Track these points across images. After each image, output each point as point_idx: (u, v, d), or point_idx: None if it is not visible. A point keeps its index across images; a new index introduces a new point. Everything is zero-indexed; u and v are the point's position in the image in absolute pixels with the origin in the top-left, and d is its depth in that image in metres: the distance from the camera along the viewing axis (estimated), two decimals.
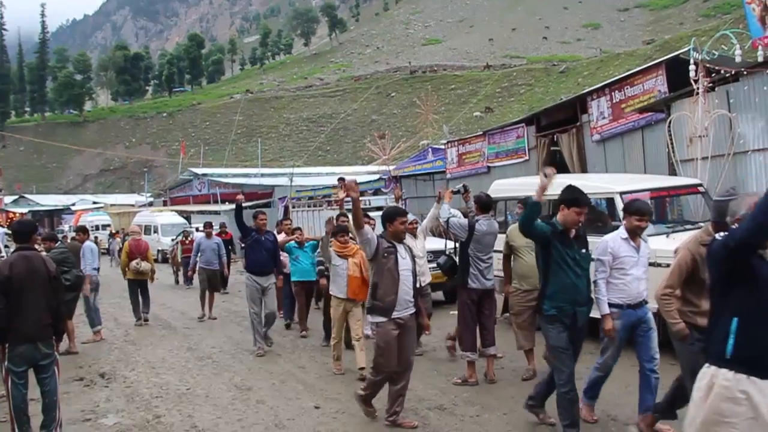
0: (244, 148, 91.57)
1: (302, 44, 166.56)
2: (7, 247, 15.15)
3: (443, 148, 23.42)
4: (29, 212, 55.52)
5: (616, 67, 70.02)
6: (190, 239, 20.90)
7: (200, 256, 13.89)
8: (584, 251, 5.51)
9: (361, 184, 27.54)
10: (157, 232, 33.13)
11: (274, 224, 24.76)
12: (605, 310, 5.61)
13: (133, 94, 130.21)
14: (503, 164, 19.14)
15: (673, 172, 12.01)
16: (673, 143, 11.88)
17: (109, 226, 41.67)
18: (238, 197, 10.26)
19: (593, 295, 5.65)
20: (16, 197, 64.53)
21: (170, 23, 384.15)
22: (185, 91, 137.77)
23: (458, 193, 8.18)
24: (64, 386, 7.34)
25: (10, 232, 10.41)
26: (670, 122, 11.96)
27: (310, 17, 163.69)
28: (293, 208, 19.74)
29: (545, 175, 5.15)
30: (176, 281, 21.94)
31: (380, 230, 9.17)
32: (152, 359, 9.73)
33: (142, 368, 9.16)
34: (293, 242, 11.18)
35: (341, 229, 8.54)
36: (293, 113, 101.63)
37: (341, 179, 19.35)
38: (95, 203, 60.87)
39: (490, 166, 19.78)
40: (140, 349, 10.62)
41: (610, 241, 5.74)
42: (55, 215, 60.50)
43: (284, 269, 11.32)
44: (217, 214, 38.15)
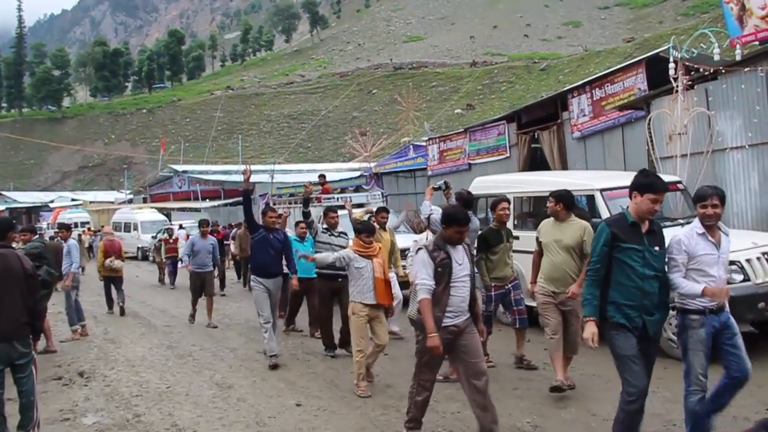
0: (224, 144, 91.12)
1: (283, 41, 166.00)
2: None
3: (424, 145, 23.43)
4: (6, 209, 54.88)
5: (596, 64, 70.44)
6: (174, 237, 20.54)
7: (193, 257, 12.56)
8: (657, 248, 4.77)
9: (342, 181, 27.53)
10: (137, 229, 32.93)
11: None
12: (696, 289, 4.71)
13: (112, 90, 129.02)
14: (484, 161, 19.18)
15: (652, 169, 12.08)
16: (652, 140, 11.96)
17: (88, 223, 41.31)
18: (245, 174, 8.99)
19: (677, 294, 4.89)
20: None
21: (150, 19, 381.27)
22: (165, 87, 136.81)
23: (439, 189, 8.19)
24: (41, 385, 7.28)
25: None
26: (649, 120, 12.04)
27: (291, 14, 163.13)
28: (274, 204, 19.59)
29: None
30: (160, 280, 21.07)
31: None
32: (132, 357, 9.65)
33: (121, 366, 9.08)
34: (293, 236, 10.69)
35: (366, 228, 7.67)
36: (274, 110, 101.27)
37: (322, 176, 19.34)
38: (74, 200, 60.32)
39: (471, 163, 19.82)
40: (120, 347, 10.54)
41: (683, 237, 4.91)
42: (33, 212, 59.85)
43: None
44: (197, 211, 38.07)
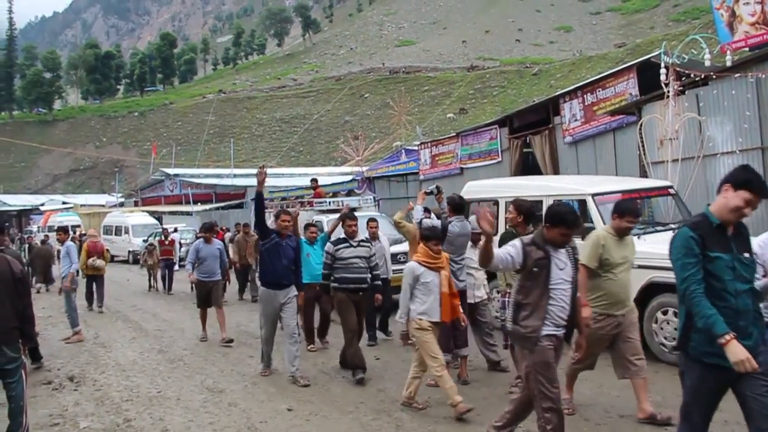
0: (216, 148, 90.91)
1: (275, 44, 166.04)
2: None
3: (416, 149, 23.47)
4: None
5: (588, 69, 70.74)
6: (169, 240, 19.64)
7: (199, 265, 11.16)
8: (747, 255, 3.90)
9: (334, 185, 27.51)
10: (128, 233, 32.81)
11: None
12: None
13: (103, 93, 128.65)
14: (476, 166, 19.23)
15: (644, 174, 12.15)
16: (644, 145, 12.02)
17: (78, 226, 41.15)
18: (260, 175, 8.03)
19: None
20: None
21: (142, 22, 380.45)
22: (157, 90, 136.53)
23: (431, 194, 8.19)
24: (31, 390, 7.22)
25: None
26: (641, 125, 12.10)
27: (283, 17, 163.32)
28: (266, 208, 19.58)
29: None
30: (150, 287, 19.79)
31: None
32: (122, 362, 9.60)
33: (112, 371, 9.03)
34: (302, 239, 9.97)
35: (435, 234, 6.57)
36: (266, 114, 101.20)
37: (314, 180, 19.31)
38: (65, 203, 59.98)
39: (463, 167, 19.87)
40: (110, 351, 10.48)
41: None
42: (23, 215, 59.59)
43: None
44: (189, 214, 37.95)
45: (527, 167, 17.57)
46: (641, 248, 7.80)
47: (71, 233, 16.34)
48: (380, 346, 9.76)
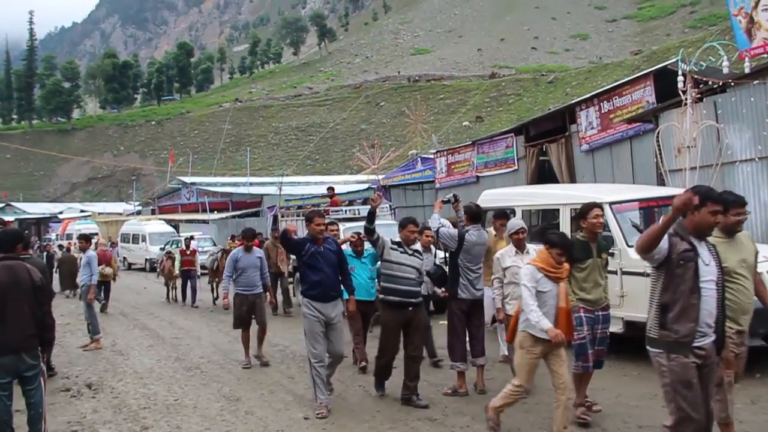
0: (232, 156, 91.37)
1: (291, 53, 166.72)
2: None
3: (432, 157, 23.47)
4: (16, 220, 55.10)
5: (604, 77, 70.45)
6: (191, 249, 18.25)
7: (237, 276, 9.71)
8: None
9: (350, 193, 27.53)
10: (145, 241, 32.99)
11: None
12: None
13: (121, 102, 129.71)
14: (492, 174, 19.20)
15: (661, 182, 12.08)
16: (661, 153, 11.94)
17: (96, 234, 41.47)
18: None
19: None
20: (2, 205, 64.06)
21: (159, 31, 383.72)
22: (174, 99, 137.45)
23: (449, 202, 8.18)
24: (50, 397, 7.27)
25: None
26: (658, 133, 12.03)
27: (299, 26, 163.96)
28: (282, 217, 19.60)
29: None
30: (170, 298, 18.93)
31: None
32: (140, 369, 9.64)
33: (129, 378, 9.07)
34: (349, 250, 8.91)
35: (563, 242, 5.66)
36: (282, 122, 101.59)
37: (330, 188, 19.35)
38: (83, 212, 60.45)
39: (479, 175, 19.85)
40: (128, 359, 10.53)
41: None
42: (42, 223, 60.08)
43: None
44: (205, 222, 38.12)
45: (543, 175, 17.51)
46: None
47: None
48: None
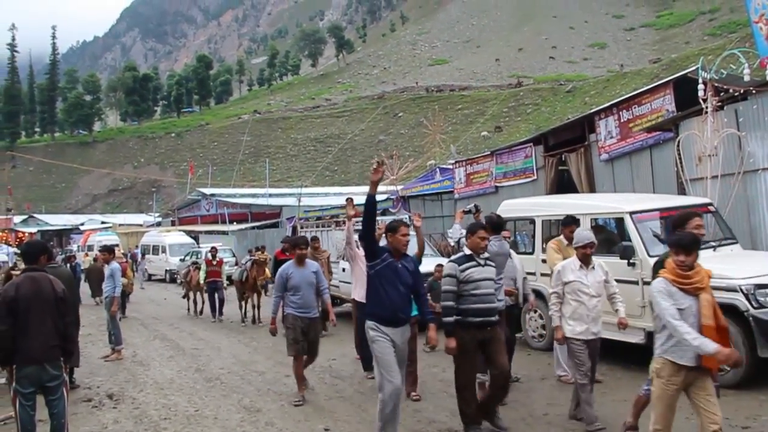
0: (252, 168, 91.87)
1: (309, 65, 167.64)
2: (15, 266, 15.39)
3: (451, 168, 23.43)
4: (38, 232, 55.83)
5: (622, 86, 70.16)
6: (218, 260, 17.41)
7: (290, 295, 8.17)
8: None
9: None
10: (165, 252, 33.20)
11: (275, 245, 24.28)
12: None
13: (141, 114, 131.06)
14: (511, 184, 19.12)
15: (682, 191, 11.97)
16: (682, 162, 11.84)
17: (117, 246, 41.81)
18: (377, 171, 6.35)
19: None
20: (25, 217, 64.90)
21: (179, 44, 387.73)
22: (193, 111, 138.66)
23: (469, 213, 8.17)
24: (72, 407, 7.31)
25: (18, 251, 10.49)
26: (678, 141, 11.93)
27: (317, 38, 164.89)
28: (301, 228, 19.68)
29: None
30: (194, 311, 18.25)
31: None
32: (160, 380, 9.69)
33: (150, 389, 9.12)
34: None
35: (689, 240, 4.82)
36: (301, 133, 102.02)
37: (349, 199, 19.35)
38: (103, 223, 61.10)
39: (498, 185, 19.77)
40: (148, 369, 10.59)
41: None
42: (63, 235, 60.74)
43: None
44: (225, 234, 38.29)
45: (562, 185, 17.42)
46: None
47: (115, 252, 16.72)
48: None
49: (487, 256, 6.57)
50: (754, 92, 11.21)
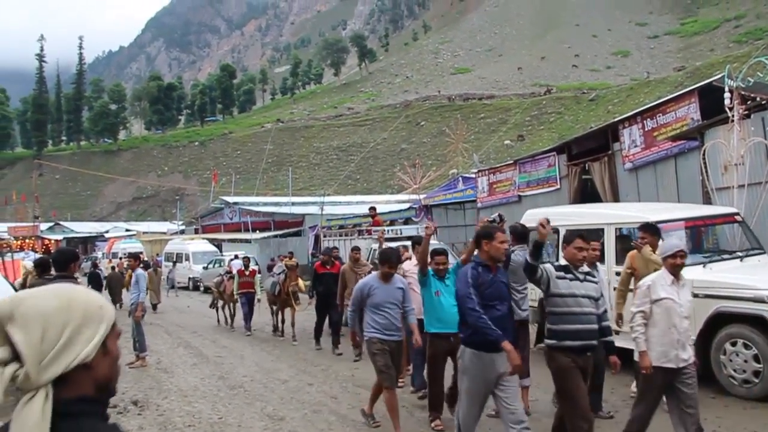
0: (274, 176, 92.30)
1: (332, 74, 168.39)
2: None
3: (474, 177, 23.41)
4: (64, 239, 56.52)
5: (646, 94, 69.74)
6: (251, 270, 16.59)
7: (372, 314, 6.99)
8: None
9: (391, 213, 27.58)
10: (188, 260, 33.42)
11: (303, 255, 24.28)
12: None
13: (166, 123, 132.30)
14: (534, 193, 19.05)
15: (707, 200, 11.86)
16: (707, 171, 11.74)
17: (141, 253, 42.18)
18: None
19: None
20: (51, 224, 65.74)
21: (203, 54, 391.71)
22: (217, 120, 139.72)
23: (493, 222, 8.16)
24: None
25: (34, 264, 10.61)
26: (704, 150, 11.83)
27: (339, 47, 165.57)
28: (324, 237, 19.73)
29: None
30: (225, 321, 17.62)
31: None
32: (184, 387, 9.75)
33: (174, 396, 9.18)
34: (429, 269, 7.13)
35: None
36: (323, 142, 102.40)
37: (372, 208, 19.40)
38: (128, 230, 61.65)
39: (521, 195, 19.70)
40: (172, 376, 10.66)
41: None
42: (88, 242, 61.37)
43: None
44: (248, 242, 38.47)
45: (586, 194, 17.33)
46: (707, 277, 7.61)
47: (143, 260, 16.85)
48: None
49: (587, 270, 5.73)
50: None
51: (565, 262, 5.59)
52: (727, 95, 11.34)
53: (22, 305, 1.45)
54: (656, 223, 8.42)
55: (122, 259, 33.03)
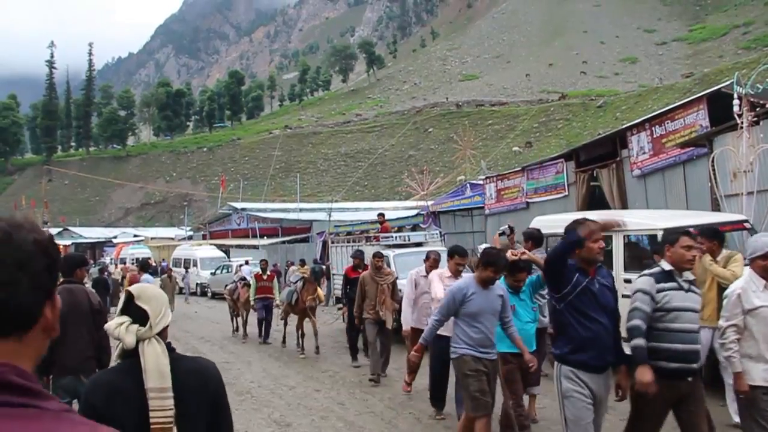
0: (282, 182, 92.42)
1: (340, 80, 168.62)
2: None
3: (481, 183, 23.38)
4: (72, 244, 56.71)
5: (654, 101, 69.51)
6: (269, 273, 15.88)
7: (463, 325, 5.88)
8: None
9: (399, 219, 27.58)
10: (196, 265, 33.49)
11: (310, 259, 24.25)
12: None
13: (174, 129, 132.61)
14: (542, 200, 19.02)
15: (716, 207, 11.82)
16: (716, 178, 11.70)
17: (149, 259, 42.31)
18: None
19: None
20: (60, 230, 65.95)
21: (211, 60, 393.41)
22: (225, 126, 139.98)
23: (504, 234, 8.18)
24: None
25: None
26: (713, 157, 11.80)
27: (348, 54, 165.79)
28: (332, 243, 19.73)
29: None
30: (238, 329, 16.76)
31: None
32: None
33: None
34: (505, 284, 6.33)
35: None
36: (331, 148, 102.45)
37: (381, 215, 19.39)
38: (136, 236, 61.81)
39: (529, 201, 19.68)
40: None
41: None
42: (97, 248, 61.54)
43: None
44: (256, 248, 38.54)
45: (594, 201, 17.29)
46: None
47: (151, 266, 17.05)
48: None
49: (692, 278, 4.88)
50: None
51: (669, 267, 4.74)
52: (736, 102, 11.31)
53: (144, 291, 2.58)
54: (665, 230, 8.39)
55: (126, 264, 33.24)
